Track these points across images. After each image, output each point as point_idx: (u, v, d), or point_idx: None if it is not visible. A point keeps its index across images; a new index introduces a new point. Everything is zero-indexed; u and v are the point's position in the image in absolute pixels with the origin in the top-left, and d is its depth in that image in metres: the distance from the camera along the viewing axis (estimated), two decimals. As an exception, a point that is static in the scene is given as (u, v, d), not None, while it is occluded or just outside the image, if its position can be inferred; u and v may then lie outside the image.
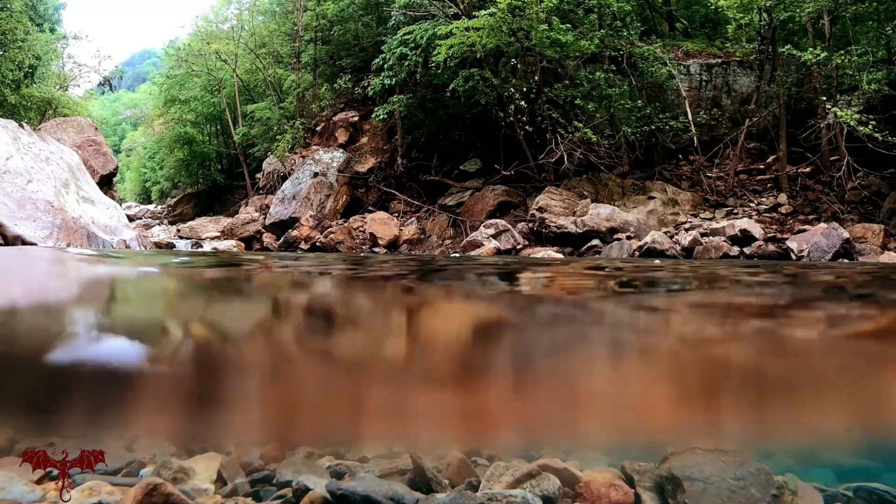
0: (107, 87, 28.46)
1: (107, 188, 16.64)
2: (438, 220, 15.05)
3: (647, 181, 13.81)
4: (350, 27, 19.44)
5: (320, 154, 17.52)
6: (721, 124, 14.42)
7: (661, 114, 13.84)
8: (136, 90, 54.76)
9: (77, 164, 11.37)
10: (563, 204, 13.00)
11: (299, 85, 20.41)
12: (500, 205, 14.33)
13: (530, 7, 12.70)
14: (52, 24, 25.71)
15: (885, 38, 11.74)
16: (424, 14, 15.48)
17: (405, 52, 14.70)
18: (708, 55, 15.75)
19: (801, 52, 11.78)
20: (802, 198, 12.61)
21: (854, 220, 11.45)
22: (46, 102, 21.76)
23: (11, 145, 9.58)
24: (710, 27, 17.92)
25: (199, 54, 24.22)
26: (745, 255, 10.66)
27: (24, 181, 9.14)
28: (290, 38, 21.42)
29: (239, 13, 25.78)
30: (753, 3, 13.07)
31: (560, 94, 13.57)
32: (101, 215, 10.61)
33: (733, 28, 14.68)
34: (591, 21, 14.13)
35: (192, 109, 26.52)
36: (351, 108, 19.21)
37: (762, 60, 14.35)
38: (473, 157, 16.26)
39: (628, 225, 12.06)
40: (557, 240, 12.26)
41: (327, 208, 16.46)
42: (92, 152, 17.21)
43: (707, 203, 13.27)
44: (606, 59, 14.26)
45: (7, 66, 19.29)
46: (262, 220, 17.01)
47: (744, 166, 13.97)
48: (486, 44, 13.20)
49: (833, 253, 9.71)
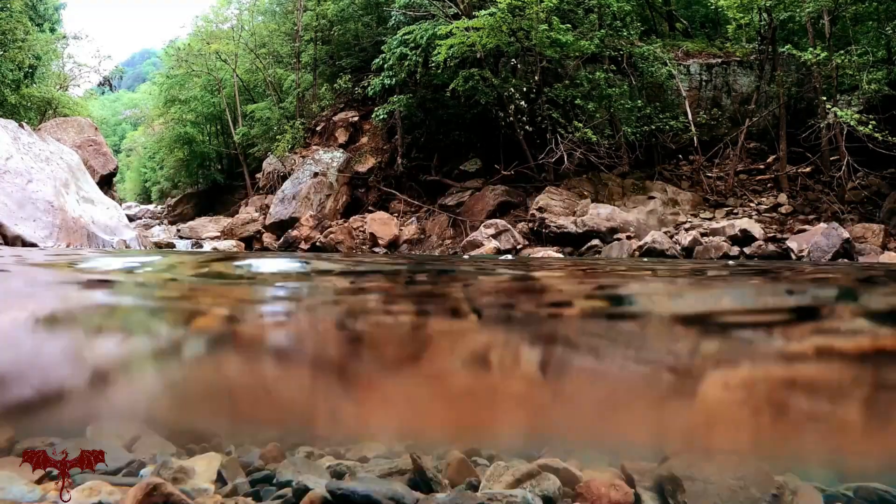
0: (107, 87, 28.48)
1: (107, 188, 16.64)
2: (438, 220, 15.05)
3: (647, 181, 13.81)
4: (350, 27, 19.44)
5: (320, 154, 17.52)
6: (721, 124, 14.42)
7: (661, 114, 13.83)
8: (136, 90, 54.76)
9: (77, 164, 11.38)
10: (563, 204, 13.00)
11: (299, 85, 20.41)
12: (500, 205, 14.33)
13: (530, 7, 12.70)
14: (52, 24, 25.69)
15: (885, 38, 11.74)
16: (424, 14, 15.48)
17: (405, 52, 14.70)
18: (708, 55, 15.75)
19: (801, 52, 11.78)
20: (802, 198, 12.61)
21: (854, 220, 11.45)
22: (46, 102, 21.76)
23: (11, 145, 9.58)
24: (710, 27, 17.92)
25: (199, 54, 24.20)
26: (745, 255, 10.67)
27: (25, 181, 9.14)
28: (290, 38, 21.42)
29: (239, 13, 25.78)
30: (753, 3, 13.07)
31: (560, 94, 13.57)
32: (101, 215, 10.61)
33: (733, 28, 14.68)
34: (591, 21, 14.13)
35: (192, 109, 26.52)
36: (351, 108, 19.21)
37: (762, 60, 14.35)
38: (473, 157, 16.26)
39: (628, 225, 12.06)
40: (557, 240, 12.26)
41: (327, 208, 16.46)
42: (92, 152, 17.22)
43: (707, 203, 13.27)
44: (606, 59, 14.27)
45: (7, 66, 19.29)
46: (262, 220, 17.01)
47: (744, 166, 13.97)
48: (486, 44, 13.20)
49: (833, 253, 9.71)
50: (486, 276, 4.60)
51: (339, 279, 4.24)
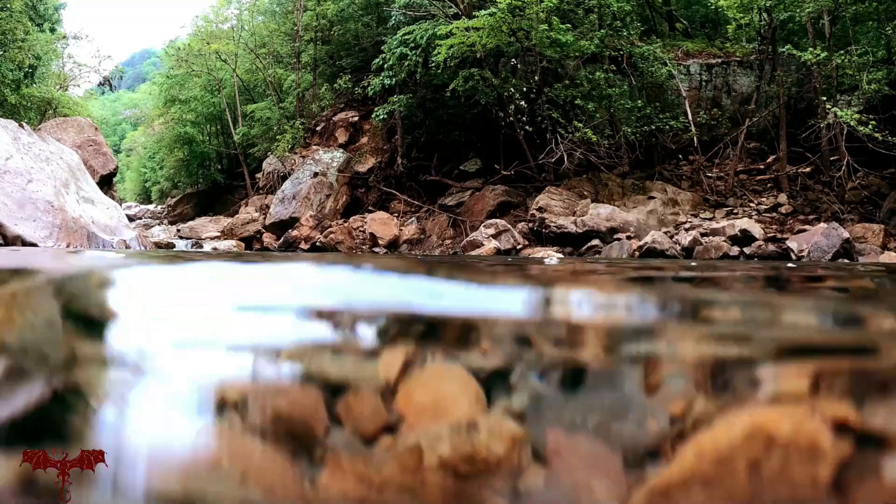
0: (107, 87, 28.49)
1: (107, 188, 16.65)
2: (438, 220, 15.06)
3: (647, 181, 13.81)
4: (350, 27, 19.45)
5: (320, 154, 17.53)
6: (721, 124, 14.42)
7: (661, 114, 13.84)
8: (136, 90, 54.83)
9: (77, 163, 11.38)
10: (563, 204, 13.00)
11: (299, 85, 20.42)
12: (500, 205, 14.34)
13: (530, 7, 12.70)
14: (52, 24, 25.69)
15: (885, 38, 11.75)
16: (424, 14, 15.49)
17: (405, 52, 14.71)
18: (708, 55, 15.76)
19: (801, 52, 11.77)
20: (802, 198, 12.62)
21: (854, 220, 11.45)
22: (46, 102, 21.78)
23: (11, 145, 9.58)
24: (710, 27, 17.94)
25: (199, 54, 24.22)
26: (745, 255, 10.67)
27: (24, 181, 9.15)
28: (290, 38, 21.43)
29: (239, 13, 25.80)
30: (753, 3, 13.07)
31: (560, 94, 13.58)
32: (102, 215, 10.61)
33: (733, 28, 14.69)
34: (591, 21, 14.14)
35: (192, 109, 26.53)
36: (351, 108, 19.22)
37: (762, 60, 14.36)
38: (473, 157, 16.27)
39: (628, 225, 12.07)
40: (557, 240, 12.27)
41: (327, 208, 16.47)
42: (92, 152, 17.21)
43: (707, 203, 13.27)
44: (606, 59, 14.27)
45: (7, 66, 19.30)
46: (262, 220, 17.02)
47: (744, 166, 13.98)
48: (486, 44, 13.21)
49: (833, 253, 9.71)
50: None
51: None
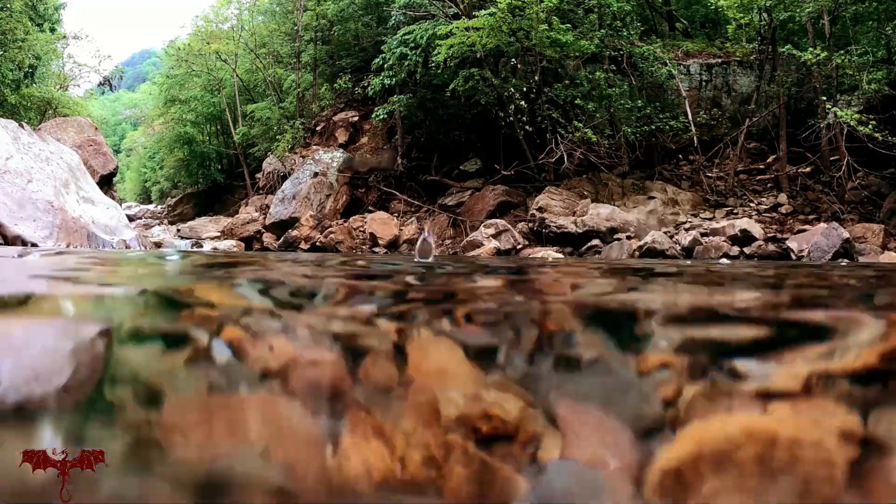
0: (107, 87, 28.50)
1: (107, 188, 16.65)
2: (438, 219, 15.05)
3: (647, 181, 13.81)
4: (350, 27, 19.46)
5: (320, 154, 17.53)
6: (721, 124, 14.43)
7: (661, 114, 13.84)
8: (136, 90, 54.87)
9: (77, 163, 11.39)
10: (563, 204, 13.00)
11: (299, 85, 20.42)
12: (500, 205, 14.33)
13: (530, 7, 12.71)
14: (52, 24, 25.68)
15: (885, 38, 11.75)
16: (424, 14, 15.50)
17: (405, 51, 14.71)
18: (708, 55, 15.76)
19: (801, 52, 11.78)
20: (802, 198, 12.62)
21: (854, 220, 11.46)
22: (46, 102, 21.79)
23: (11, 145, 9.58)
24: (710, 27, 17.94)
25: (199, 54, 24.23)
26: (745, 255, 10.67)
27: (25, 181, 9.15)
28: (290, 38, 21.44)
29: (239, 13, 25.79)
30: (753, 3, 13.08)
31: (560, 94, 13.58)
32: (101, 215, 10.61)
33: (733, 28, 14.69)
34: (591, 21, 14.14)
35: (192, 109, 26.53)
36: (351, 107, 19.23)
37: (762, 60, 14.36)
38: (473, 157, 16.27)
39: (628, 225, 12.06)
40: (557, 240, 12.26)
41: (327, 208, 16.47)
42: (92, 152, 17.22)
43: (707, 203, 13.27)
44: (606, 59, 14.27)
45: (7, 66, 19.32)
46: (262, 220, 17.02)
47: (744, 166, 13.98)
48: (486, 44, 13.21)
49: (833, 253, 9.71)
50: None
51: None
